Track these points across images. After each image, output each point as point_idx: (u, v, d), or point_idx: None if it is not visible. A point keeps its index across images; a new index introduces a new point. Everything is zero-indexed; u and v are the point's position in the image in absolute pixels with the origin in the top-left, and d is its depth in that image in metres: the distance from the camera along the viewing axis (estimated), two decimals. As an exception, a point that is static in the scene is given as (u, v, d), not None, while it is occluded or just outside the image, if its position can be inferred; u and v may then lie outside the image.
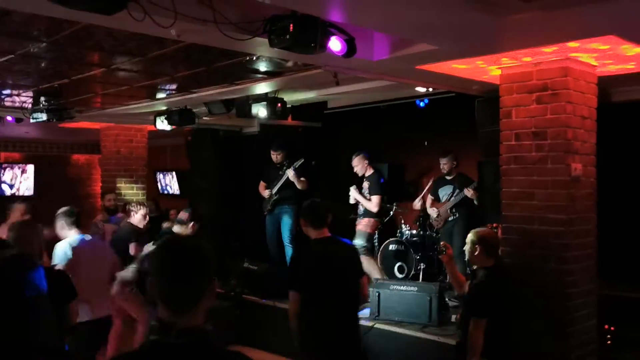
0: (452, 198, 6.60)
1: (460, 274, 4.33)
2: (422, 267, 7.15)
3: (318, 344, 3.69)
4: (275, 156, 7.19)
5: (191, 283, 1.76)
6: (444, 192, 6.75)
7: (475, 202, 6.41)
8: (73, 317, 3.52)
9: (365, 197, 6.66)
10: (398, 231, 7.58)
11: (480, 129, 5.71)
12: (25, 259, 2.17)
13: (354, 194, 6.70)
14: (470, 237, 3.84)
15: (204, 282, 1.80)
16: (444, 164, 6.69)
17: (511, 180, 4.50)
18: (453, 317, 5.68)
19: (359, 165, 6.71)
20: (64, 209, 4.66)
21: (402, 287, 5.68)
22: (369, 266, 6.59)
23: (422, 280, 6.84)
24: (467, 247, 3.85)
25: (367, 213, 6.66)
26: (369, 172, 6.72)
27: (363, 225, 6.67)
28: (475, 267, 3.87)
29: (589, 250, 4.48)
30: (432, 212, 6.85)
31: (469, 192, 6.39)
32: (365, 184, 6.71)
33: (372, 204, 6.59)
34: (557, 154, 4.24)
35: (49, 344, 2.64)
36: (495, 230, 4.95)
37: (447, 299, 5.77)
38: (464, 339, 3.73)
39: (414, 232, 7.52)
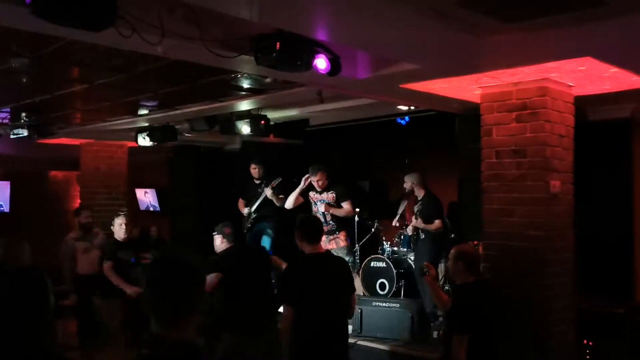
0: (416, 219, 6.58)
1: (443, 293, 4.37)
2: (403, 283, 7.18)
3: (308, 358, 3.69)
4: (256, 170, 7.16)
5: (182, 297, 1.79)
6: (416, 210, 6.76)
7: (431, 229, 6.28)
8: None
9: (338, 206, 6.39)
10: (379, 248, 7.61)
11: (461, 146, 5.80)
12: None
13: (322, 209, 6.37)
14: (452, 252, 3.89)
15: (195, 297, 1.82)
16: (405, 183, 6.57)
17: (492, 198, 4.57)
18: (435, 334, 5.72)
19: (322, 180, 6.44)
20: None
21: (384, 304, 5.70)
22: (357, 282, 6.58)
23: (404, 296, 6.87)
24: (449, 263, 3.90)
25: (340, 226, 6.43)
26: (329, 183, 6.50)
27: (343, 239, 6.43)
28: (456, 283, 3.92)
29: (567, 265, 4.56)
30: (409, 230, 6.87)
31: (413, 222, 6.30)
32: (330, 195, 6.48)
33: (348, 208, 6.35)
34: (536, 172, 4.33)
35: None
36: (476, 247, 5.01)
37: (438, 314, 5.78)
38: (447, 355, 3.75)
39: (395, 248, 7.57)
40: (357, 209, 7.66)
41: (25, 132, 5.64)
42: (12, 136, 5.94)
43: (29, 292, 2.03)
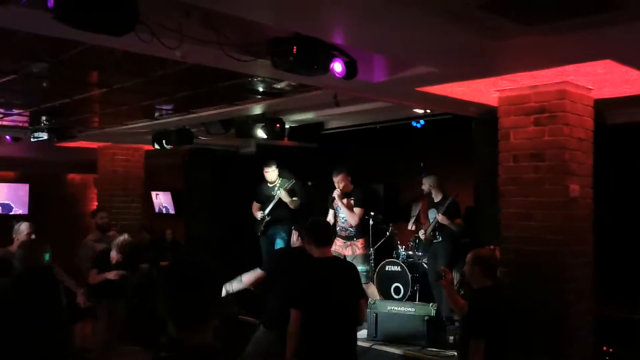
0: (432, 221, 6.56)
1: (459, 298, 4.34)
2: (417, 287, 7.15)
3: None
4: (269, 173, 7.18)
5: (199, 302, 1.79)
6: (431, 215, 6.75)
7: (453, 228, 6.32)
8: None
9: (347, 207, 6.37)
10: (394, 252, 7.59)
11: (478, 150, 5.76)
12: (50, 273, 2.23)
13: (338, 200, 6.38)
14: (469, 257, 3.87)
15: (212, 300, 1.83)
16: (423, 185, 6.60)
17: (509, 201, 4.53)
18: (451, 339, 5.68)
19: (344, 182, 6.44)
20: None
21: (399, 308, 5.68)
22: (372, 290, 6.52)
23: (419, 300, 6.84)
24: (466, 267, 3.88)
25: (359, 233, 6.41)
26: (350, 188, 6.50)
27: (360, 247, 6.39)
28: (474, 287, 3.89)
29: (586, 270, 4.51)
30: (421, 234, 6.85)
31: (439, 217, 6.31)
32: (349, 201, 6.46)
33: (356, 215, 6.31)
34: (554, 176, 4.29)
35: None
36: (493, 251, 4.97)
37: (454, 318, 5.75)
38: (463, 359, 3.73)
39: (410, 252, 7.54)
40: (372, 213, 7.67)
41: (45, 136, 5.71)
42: (32, 139, 6.01)
43: (39, 291, 2.07)
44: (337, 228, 6.51)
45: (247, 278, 4.66)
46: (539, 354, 4.26)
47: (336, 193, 6.42)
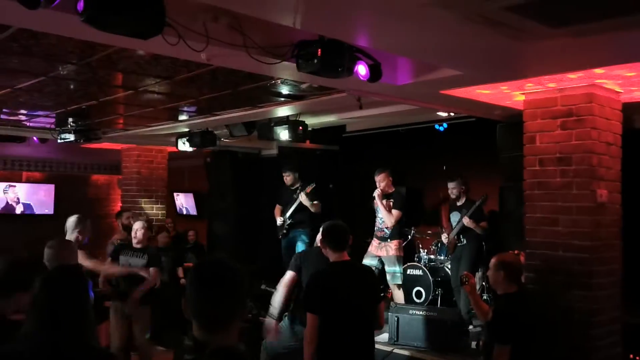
0: (456, 225, 6.52)
1: (483, 303, 4.29)
2: (439, 292, 7.09)
3: None
4: (286, 178, 7.19)
5: (225, 303, 1.79)
6: (454, 219, 6.71)
7: (478, 231, 6.28)
8: None
9: (387, 210, 6.36)
10: (416, 256, 7.54)
11: (502, 154, 5.70)
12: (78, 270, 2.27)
13: (377, 200, 6.36)
14: (493, 262, 3.82)
15: (237, 302, 1.83)
16: (452, 189, 6.54)
17: (535, 206, 4.47)
18: (473, 344, 5.62)
19: (385, 182, 6.42)
20: None
21: (421, 312, 5.63)
22: (399, 295, 6.48)
23: (440, 305, 6.78)
24: (490, 272, 3.83)
25: (394, 234, 6.38)
26: (391, 190, 6.52)
27: (394, 249, 6.34)
28: (498, 293, 3.84)
29: (614, 277, 4.42)
30: (444, 237, 6.79)
31: (465, 221, 6.26)
32: (388, 202, 6.44)
33: (393, 217, 6.29)
34: (582, 180, 4.22)
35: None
36: (517, 256, 4.90)
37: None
38: (487, 365, 3.68)
39: (432, 257, 7.49)
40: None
41: (71, 137, 5.81)
42: (59, 141, 6.12)
43: (66, 289, 2.10)
44: (375, 228, 6.55)
45: (283, 285, 4.54)
46: (564, 361, 4.19)
47: (377, 193, 6.42)
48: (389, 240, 6.37)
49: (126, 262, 5.57)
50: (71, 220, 4.87)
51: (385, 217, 6.36)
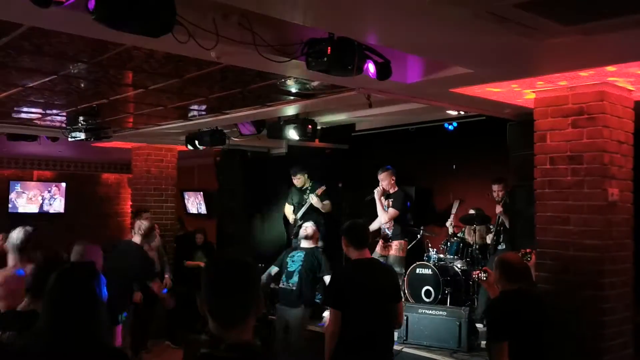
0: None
1: None
2: (449, 291, 7.06)
3: None
4: (296, 181, 7.22)
5: (240, 299, 1.81)
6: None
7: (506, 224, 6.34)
8: None
9: (383, 207, 6.43)
10: (425, 255, 7.52)
11: (512, 152, 5.67)
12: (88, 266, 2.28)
13: (376, 198, 6.45)
14: (495, 260, 3.85)
15: (252, 298, 1.84)
16: (499, 191, 6.55)
17: (545, 205, 4.45)
18: (482, 343, 5.60)
19: (387, 181, 6.52)
20: None
21: (431, 311, 5.62)
22: None
23: (450, 304, 6.76)
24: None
25: (395, 234, 6.47)
26: (394, 189, 6.59)
27: (395, 249, 6.42)
28: (500, 290, 3.83)
29: (626, 277, 4.39)
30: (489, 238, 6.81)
31: (498, 209, 6.36)
32: (388, 201, 6.53)
33: (388, 215, 6.37)
34: (593, 179, 4.19)
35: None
36: (529, 255, 4.88)
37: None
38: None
39: (441, 256, 7.46)
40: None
41: (82, 135, 5.84)
42: (70, 139, 6.16)
43: (78, 286, 2.12)
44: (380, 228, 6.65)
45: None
46: (574, 361, 4.16)
47: (377, 190, 6.45)
48: (390, 240, 6.48)
49: None
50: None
51: (380, 215, 6.43)
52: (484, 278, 4.10)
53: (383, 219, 6.40)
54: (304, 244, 5.81)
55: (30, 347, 2.06)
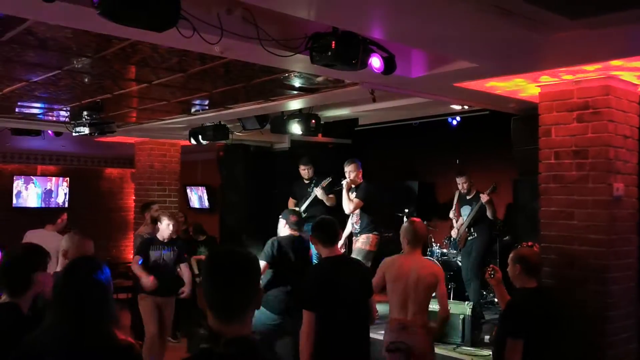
0: (466, 218, 6.59)
1: (509, 297, 4.27)
2: (452, 286, 7.07)
3: None
4: (305, 171, 7.19)
5: (239, 289, 1.80)
6: (464, 212, 6.73)
7: (488, 214, 6.39)
8: None
9: (349, 198, 6.27)
10: (428, 250, 7.52)
11: (516, 147, 5.66)
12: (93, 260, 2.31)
13: (344, 189, 6.35)
14: (510, 256, 3.81)
15: (251, 292, 1.84)
16: (463, 183, 6.69)
17: (550, 200, 4.43)
18: (486, 338, 5.61)
19: (355, 173, 6.36)
20: None
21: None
22: None
23: (453, 299, 6.76)
24: (508, 267, 3.82)
25: (366, 228, 6.33)
26: (360, 181, 6.42)
27: (361, 242, 6.29)
28: (516, 287, 3.82)
29: (630, 271, 4.37)
30: (453, 232, 6.84)
31: (484, 198, 6.40)
32: (353, 195, 6.38)
33: (352, 205, 6.22)
34: (598, 173, 4.17)
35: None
36: (531, 247, 4.89)
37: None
38: (496, 358, 3.67)
39: (444, 250, 7.46)
40: (406, 210, 7.63)
41: (86, 130, 5.84)
42: (74, 134, 6.16)
43: (87, 280, 2.13)
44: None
45: None
46: (578, 357, 4.15)
47: (345, 181, 6.38)
48: (358, 234, 6.35)
49: (159, 257, 5.83)
50: None
51: (344, 204, 6.33)
52: (492, 276, 4.10)
53: (347, 209, 6.30)
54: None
55: (39, 342, 2.06)
